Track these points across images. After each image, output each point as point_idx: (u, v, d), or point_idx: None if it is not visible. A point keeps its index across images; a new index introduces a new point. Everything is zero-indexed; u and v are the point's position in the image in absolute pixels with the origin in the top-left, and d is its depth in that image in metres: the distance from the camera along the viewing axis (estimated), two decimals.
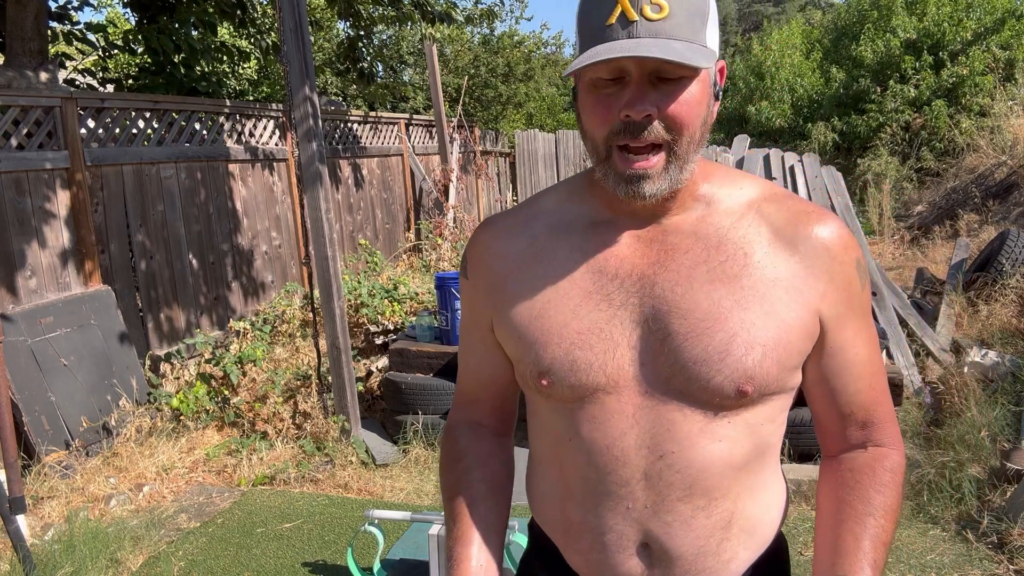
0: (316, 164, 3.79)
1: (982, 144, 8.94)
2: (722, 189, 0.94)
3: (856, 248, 0.93)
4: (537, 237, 0.97)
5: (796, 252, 0.90)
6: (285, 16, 3.65)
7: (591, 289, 0.92)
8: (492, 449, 1.08)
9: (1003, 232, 5.27)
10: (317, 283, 3.93)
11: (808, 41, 13.37)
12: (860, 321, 0.94)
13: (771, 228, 0.91)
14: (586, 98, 0.86)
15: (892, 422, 0.98)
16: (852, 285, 0.92)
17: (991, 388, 3.71)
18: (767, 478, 0.97)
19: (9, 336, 3.62)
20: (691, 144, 0.85)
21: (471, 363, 1.08)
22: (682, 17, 0.80)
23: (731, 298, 0.88)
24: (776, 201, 0.93)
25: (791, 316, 0.88)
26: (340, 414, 3.96)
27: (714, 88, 0.88)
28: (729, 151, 5.94)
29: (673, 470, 0.90)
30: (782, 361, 0.88)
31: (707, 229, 0.91)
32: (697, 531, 0.92)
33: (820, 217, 0.92)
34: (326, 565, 2.91)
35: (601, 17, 0.81)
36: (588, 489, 0.94)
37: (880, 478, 0.94)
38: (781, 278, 0.89)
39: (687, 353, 0.87)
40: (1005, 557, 2.62)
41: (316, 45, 10.75)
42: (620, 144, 0.84)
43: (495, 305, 0.99)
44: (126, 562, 2.95)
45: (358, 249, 7.31)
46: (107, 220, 4.47)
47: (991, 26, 10.10)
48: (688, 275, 0.89)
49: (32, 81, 4.64)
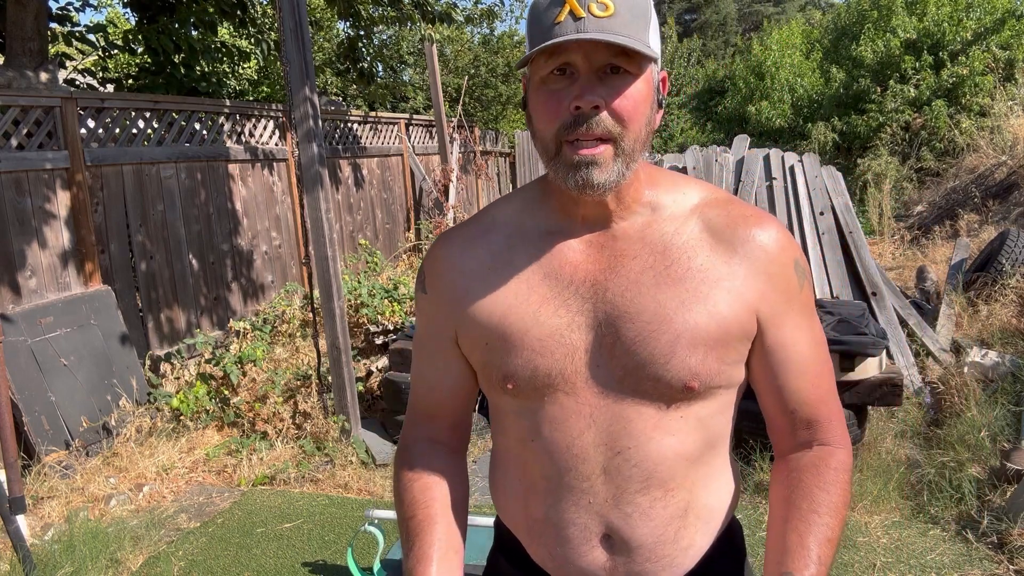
0: (316, 164, 3.79)
1: (982, 144, 8.94)
2: (667, 195, 0.98)
3: (793, 249, 0.97)
4: (495, 248, 1.01)
5: (736, 254, 0.94)
6: (285, 16, 3.65)
7: (548, 296, 0.96)
8: (449, 467, 1.08)
9: (1003, 232, 5.27)
10: (317, 283, 3.93)
11: (808, 41, 13.36)
12: (800, 319, 0.97)
13: (712, 232, 0.95)
14: (536, 96, 0.89)
15: (837, 421, 1.00)
16: (790, 284, 0.96)
17: (991, 388, 3.71)
18: (719, 468, 1.01)
19: (9, 336, 3.62)
20: (636, 141, 0.88)
21: (429, 378, 1.08)
22: (627, 16, 0.84)
23: (676, 300, 0.92)
24: (718, 206, 0.97)
25: (731, 316, 0.92)
26: (340, 414, 3.96)
27: (657, 95, 0.91)
28: (729, 151, 5.94)
29: (630, 464, 0.95)
30: (723, 357, 0.93)
31: (653, 235, 0.95)
32: (656, 521, 0.96)
33: (759, 220, 0.96)
34: (326, 565, 2.91)
35: (550, 17, 0.85)
36: (550, 486, 0.98)
37: (824, 476, 0.96)
38: (722, 279, 0.93)
39: (636, 355, 0.92)
40: (1005, 557, 2.62)
41: (316, 45, 10.75)
42: (570, 139, 0.87)
43: (458, 317, 1.01)
44: (126, 562, 2.95)
45: (358, 249, 7.31)
46: (107, 220, 4.47)
47: (991, 26, 10.09)
48: (636, 280, 0.93)
49: (32, 81, 4.64)
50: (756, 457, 3.24)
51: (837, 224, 4.97)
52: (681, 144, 14.42)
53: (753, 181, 5.42)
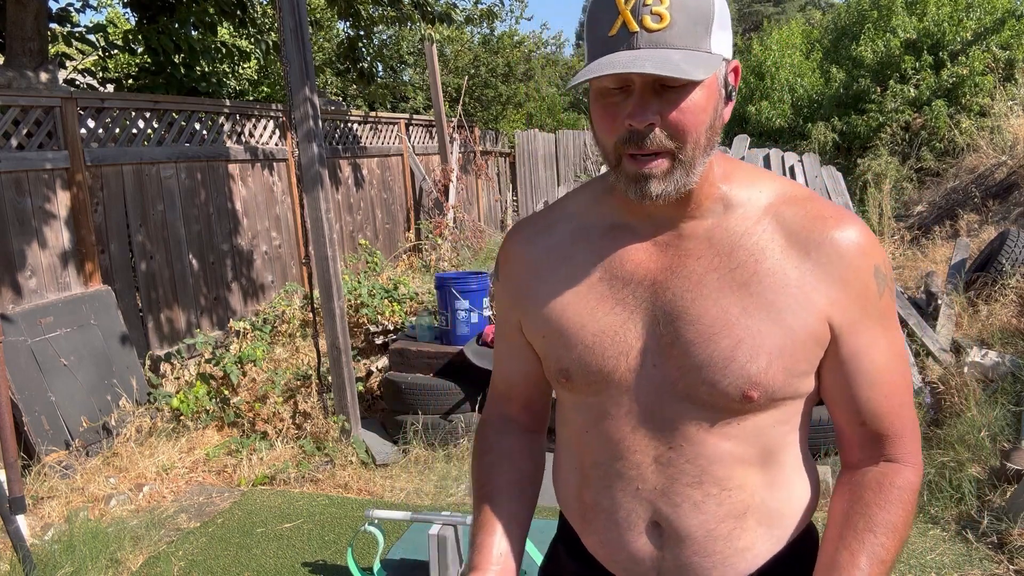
0: (316, 164, 3.79)
1: (982, 144, 8.93)
2: (742, 191, 0.94)
3: (875, 254, 0.91)
4: (559, 242, 1.01)
5: (808, 258, 0.90)
6: (285, 16, 3.65)
7: (607, 293, 0.95)
8: (521, 444, 1.12)
9: (1003, 232, 5.27)
10: (317, 283, 3.93)
11: (808, 41, 13.36)
12: (878, 329, 0.92)
13: (786, 233, 0.91)
14: (595, 107, 0.88)
15: (910, 438, 0.96)
16: (868, 291, 0.90)
17: (991, 388, 3.71)
18: (788, 475, 0.97)
19: (9, 336, 3.62)
20: (696, 150, 0.86)
21: (503, 361, 1.13)
22: (683, 26, 0.81)
23: (739, 306, 0.89)
24: (795, 204, 0.93)
25: (798, 323, 0.88)
26: (340, 414, 3.96)
27: (725, 89, 0.88)
28: (729, 151, 5.94)
29: (683, 459, 0.93)
30: (789, 368, 0.89)
31: (721, 235, 0.92)
32: (707, 515, 0.94)
33: (838, 222, 0.91)
34: (326, 565, 2.91)
35: (604, 28, 0.83)
36: (600, 473, 0.99)
37: (886, 495, 0.93)
38: (791, 284, 0.89)
39: (693, 358, 0.90)
40: (1005, 557, 2.62)
41: (316, 45, 10.75)
42: (628, 153, 0.86)
43: (522, 306, 1.04)
44: (126, 562, 2.95)
45: (358, 249, 7.31)
46: (107, 220, 4.47)
47: (991, 26, 10.09)
48: (698, 282, 0.91)
49: (32, 81, 4.64)
50: None
51: None
52: None
53: None
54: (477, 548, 1.02)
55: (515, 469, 1.09)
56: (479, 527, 1.04)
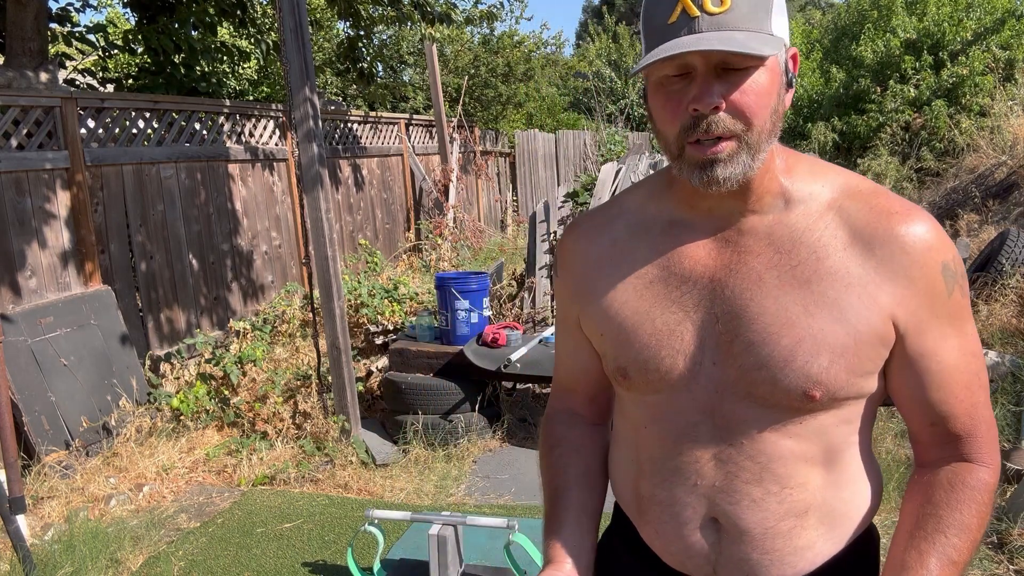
0: (316, 164, 3.79)
1: (982, 144, 8.93)
2: (805, 185, 0.92)
3: (944, 250, 0.88)
4: (617, 238, 1.01)
5: (873, 255, 0.88)
6: (285, 16, 3.65)
7: (664, 291, 0.95)
8: (586, 437, 1.12)
9: (1003, 232, 5.27)
10: (317, 283, 3.93)
11: (808, 41, 13.35)
12: (947, 328, 0.90)
13: (849, 229, 0.89)
14: (656, 97, 0.87)
15: (985, 437, 0.93)
16: (935, 289, 0.88)
17: (991, 388, 3.71)
18: (851, 474, 0.96)
19: (9, 336, 3.62)
20: (762, 134, 0.84)
21: (565, 356, 1.13)
22: (745, 8, 0.80)
23: (800, 304, 0.88)
24: (860, 198, 0.91)
25: (862, 322, 0.87)
26: (340, 414, 3.96)
27: (787, 76, 0.87)
28: None
29: (744, 456, 0.92)
30: (852, 367, 0.87)
31: (782, 231, 0.91)
32: (767, 512, 0.92)
33: (905, 217, 0.88)
34: (326, 565, 2.91)
35: (664, 16, 0.82)
36: (658, 467, 0.98)
37: (958, 495, 0.91)
38: (854, 283, 0.87)
39: (752, 357, 0.89)
40: (1005, 557, 2.62)
41: (316, 45, 10.75)
42: (691, 140, 0.85)
43: (580, 302, 1.04)
44: (126, 562, 2.95)
45: (358, 249, 7.31)
46: (107, 220, 4.47)
47: (991, 26, 10.09)
48: (758, 279, 0.90)
49: (32, 81, 4.64)
50: None
51: None
52: None
53: None
54: (552, 541, 1.02)
55: (584, 461, 1.09)
56: (553, 519, 1.04)
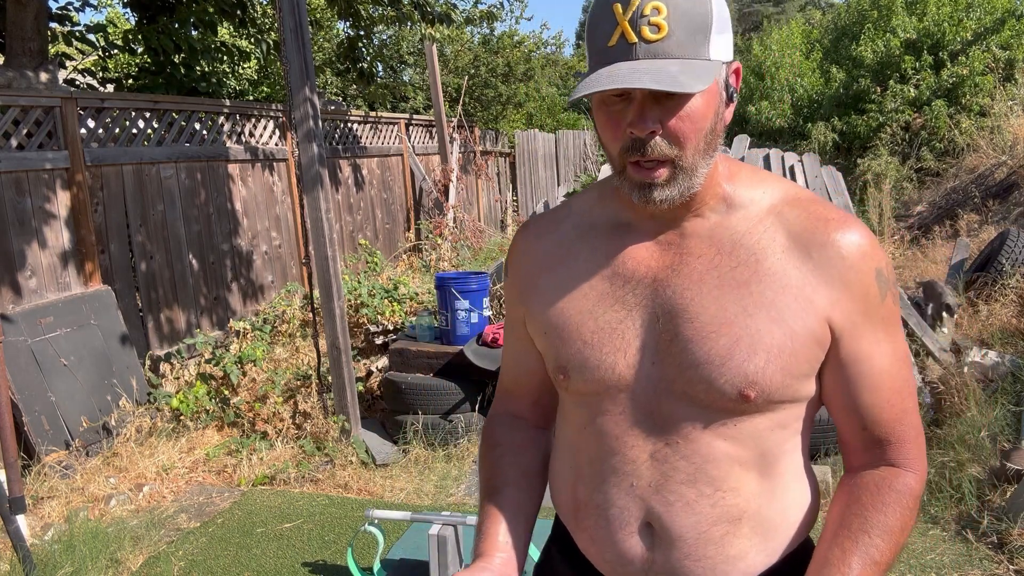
0: (316, 164, 3.79)
1: (982, 144, 8.93)
2: (745, 191, 0.95)
3: (877, 257, 0.91)
4: (564, 238, 1.03)
5: (810, 258, 0.90)
6: (285, 16, 3.65)
7: (607, 290, 0.96)
8: (528, 439, 1.13)
9: (1003, 232, 5.27)
10: (317, 283, 3.93)
11: (808, 41, 13.35)
12: (880, 332, 0.92)
13: (787, 233, 0.91)
14: (599, 115, 0.89)
15: (913, 443, 0.95)
16: (869, 294, 0.90)
17: (991, 388, 3.71)
18: (786, 484, 0.96)
19: (9, 336, 3.62)
20: (696, 155, 0.87)
21: (510, 358, 1.15)
22: (682, 36, 0.81)
23: (738, 304, 0.89)
24: (798, 205, 0.93)
25: (798, 324, 0.88)
26: (340, 414, 3.96)
27: (727, 91, 0.89)
28: (729, 151, 5.94)
29: (679, 455, 0.93)
30: (788, 368, 0.89)
31: (723, 234, 0.93)
32: (700, 516, 0.93)
33: (840, 224, 0.91)
34: (326, 565, 2.91)
35: (604, 38, 0.83)
36: (595, 469, 0.99)
37: (884, 498, 0.92)
38: (791, 285, 0.89)
39: (691, 356, 0.90)
40: (1005, 557, 2.62)
41: (316, 45, 10.75)
42: (632, 161, 0.87)
43: (526, 302, 1.05)
44: (126, 562, 2.95)
45: (358, 249, 7.31)
46: (107, 220, 4.47)
47: (991, 26, 10.08)
48: (699, 280, 0.92)
49: (32, 81, 4.64)
50: None
51: None
52: None
53: None
54: (483, 536, 1.03)
55: (523, 462, 1.10)
56: (485, 516, 1.05)
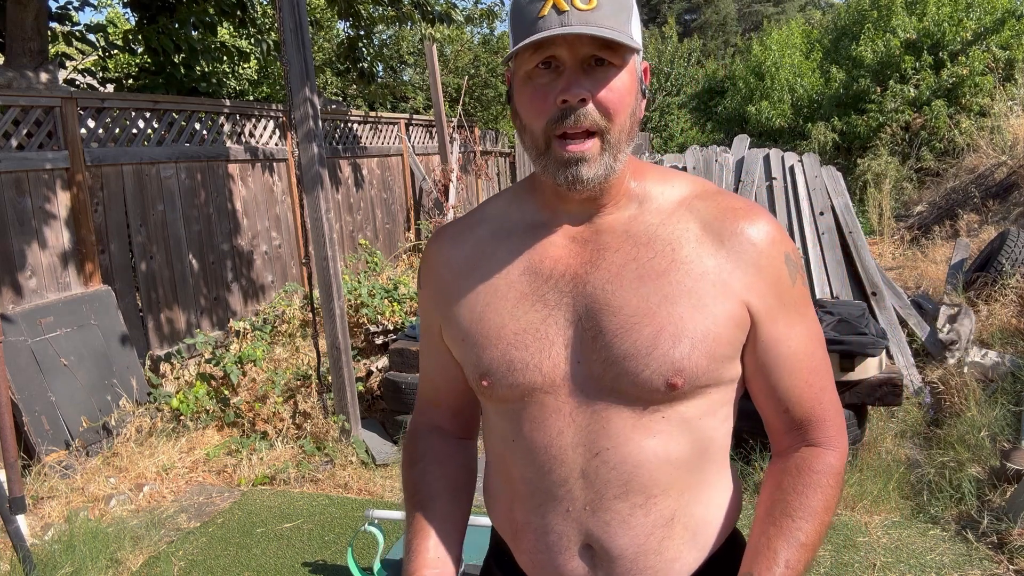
0: (316, 165, 3.79)
1: (982, 144, 8.93)
2: (655, 187, 0.97)
3: (784, 243, 0.94)
4: (480, 242, 1.01)
5: (723, 247, 0.92)
6: (285, 16, 3.65)
7: (527, 291, 0.95)
8: (451, 450, 1.11)
9: (1003, 232, 5.27)
10: (317, 283, 3.93)
11: (808, 41, 13.35)
12: (793, 315, 0.94)
13: (700, 224, 0.93)
14: (523, 92, 0.89)
15: (832, 422, 0.97)
16: (781, 278, 0.93)
17: (991, 388, 3.72)
18: (712, 476, 0.97)
19: (9, 336, 3.62)
20: (622, 132, 0.88)
21: (428, 368, 1.12)
22: (609, 9, 0.84)
23: (659, 294, 0.90)
24: (707, 198, 0.95)
25: (719, 308, 0.90)
26: (340, 414, 3.96)
27: (640, 85, 0.91)
28: (729, 151, 5.94)
29: (608, 467, 0.91)
30: (712, 352, 0.89)
31: (638, 227, 0.94)
32: (636, 529, 0.92)
33: (747, 213, 0.93)
34: (326, 565, 2.91)
35: (533, 12, 0.85)
36: (530, 490, 0.97)
37: (805, 479, 0.94)
38: (708, 272, 0.91)
39: (616, 349, 0.89)
40: (1005, 557, 2.62)
41: (316, 45, 10.75)
42: (558, 133, 0.87)
43: (442, 310, 1.02)
44: (126, 562, 2.95)
45: (358, 249, 7.31)
46: (107, 220, 4.47)
47: (991, 26, 10.09)
48: (618, 273, 0.92)
49: (32, 81, 4.64)
50: (756, 457, 3.24)
51: (837, 224, 4.97)
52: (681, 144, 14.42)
53: (753, 181, 5.42)
54: (413, 553, 1.00)
55: (447, 474, 1.08)
56: (414, 533, 1.02)
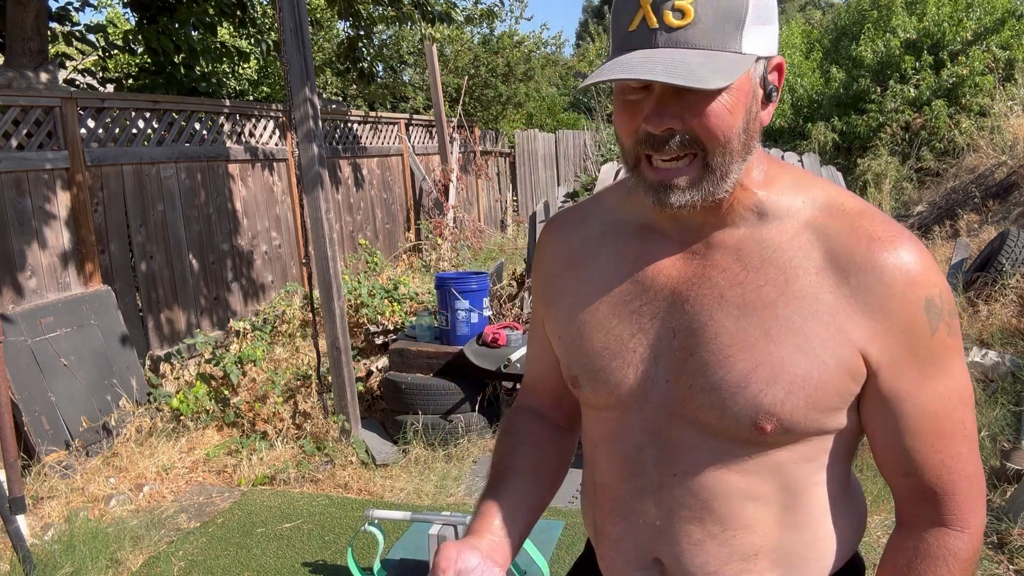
0: (316, 165, 3.79)
1: (982, 144, 8.93)
2: (783, 198, 0.85)
3: (929, 285, 0.79)
4: (588, 237, 0.97)
5: (847, 283, 0.79)
6: (285, 16, 3.65)
7: (624, 300, 0.90)
8: (546, 434, 1.08)
9: (1003, 232, 5.27)
10: (317, 283, 3.93)
11: (808, 41, 13.36)
12: (929, 369, 0.81)
13: (825, 251, 0.81)
14: (616, 103, 0.82)
15: (963, 496, 0.83)
16: (916, 327, 0.79)
17: (991, 388, 3.71)
18: (815, 515, 0.88)
19: (9, 336, 3.62)
20: (727, 156, 0.78)
21: (532, 353, 1.10)
22: (709, 23, 0.73)
23: (761, 327, 0.81)
24: (842, 218, 0.82)
25: (828, 354, 0.79)
26: (340, 414, 3.96)
27: (765, 88, 0.80)
28: None
29: (684, 488, 0.87)
30: (813, 401, 0.80)
31: (752, 247, 0.84)
32: (710, 555, 0.87)
33: (888, 244, 0.79)
34: (326, 565, 2.91)
35: (626, 21, 0.77)
36: (607, 495, 0.95)
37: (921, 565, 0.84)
38: (823, 311, 0.80)
39: (704, 379, 0.83)
40: (1005, 557, 2.62)
41: (316, 45, 10.75)
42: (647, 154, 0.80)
43: (546, 302, 1.01)
44: (126, 562, 2.95)
45: (358, 249, 7.31)
46: (107, 220, 4.47)
47: (991, 26, 10.09)
48: (721, 296, 0.83)
49: (32, 81, 4.64)
50: None
51: None
52: None
53: None
54: (479, 515, 0.96)
55: (536, 454, 1.04)
56: (486, 498, 0.98)
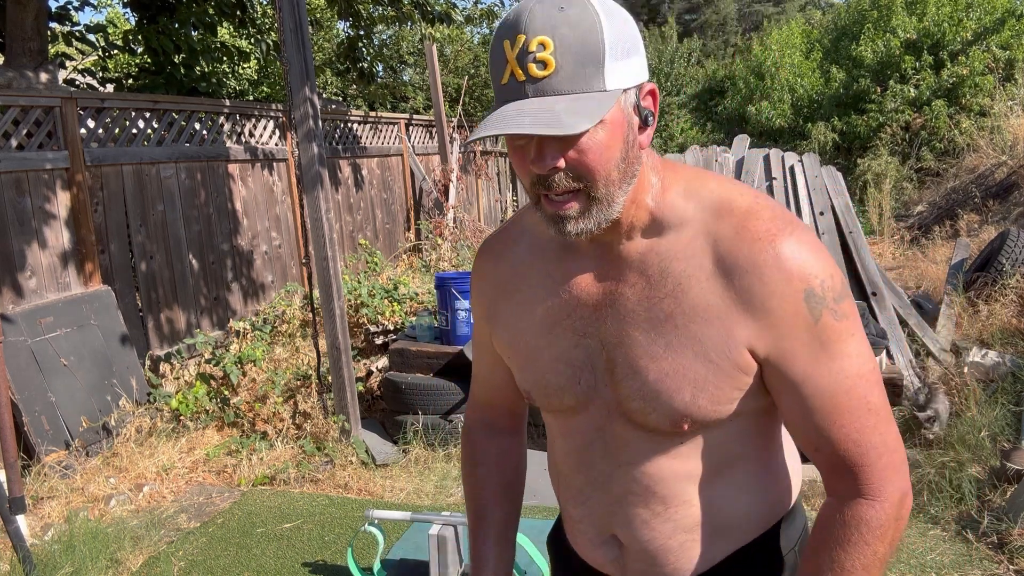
0: (316, 164, 3.79)
1: (982, 144, 8.93)
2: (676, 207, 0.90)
3: (808, 277, 0.84)
4: (518, 262, 1.04)
5: (732, 286, 0.86)
6: (285, 16, 3.65)
7: (558, 319, 0.98)
8: (506, 448, 1.21)
9: (1003, 232, 5.27)
10: (317, 283, 3.93)
11: (808, 41, 13.35)
12: (819, 355, 0.86)
13: (715, 257, 0.87)
14: (508, 150, 0.89)
15: (871, 468, 0.88)
16: (798, 319, 0.85)
17: (991, 388, 3.71)
18: (748, 484, 0.99)
19: (9, 336, 3.62)
20: (609, 185, 0.84)
21: (482, 371, 1.19)
22: (570, 69, 0.79)
23: (663, 340, 0.89)
24: (730, 219, 0.88)
25: (720, 356, 0.87)
26: (340, 414, 3.96)
27: (640, 114, 0.85)
28: (729, 151, 5.95)
29: (629, 477, 0.98)
30: (716, 399, 0.89)
31: (652, 259, 0.91)
32: (657, 532, 0.99)
33: (768, 242, 0.85)
34: (326, 565, 2.91)
35: (498, 76, 0.82)
36: (566, 484, 1.07)
37: (837, 534, 0.89)
38: (713, 317, 0.87)
39: (627, 387, 0.93)
40: (1005, 557, 2.62)
41: (316, 45, 10.75)
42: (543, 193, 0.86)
43: (490, 325, 1.09)
44: (126, 562, 2.95)
45: (358, 249, 7.31)
46: (107, 220, 4.47)
47: (991, 26, 10.09)
48: (631, 311, 0.92)
49: (32, 81, 4.64)
50: None
51: (837, 224, 4.97)
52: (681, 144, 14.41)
53: (753, 181, 5.42)
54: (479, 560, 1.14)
55: (503, 477, 1.19)
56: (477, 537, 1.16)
